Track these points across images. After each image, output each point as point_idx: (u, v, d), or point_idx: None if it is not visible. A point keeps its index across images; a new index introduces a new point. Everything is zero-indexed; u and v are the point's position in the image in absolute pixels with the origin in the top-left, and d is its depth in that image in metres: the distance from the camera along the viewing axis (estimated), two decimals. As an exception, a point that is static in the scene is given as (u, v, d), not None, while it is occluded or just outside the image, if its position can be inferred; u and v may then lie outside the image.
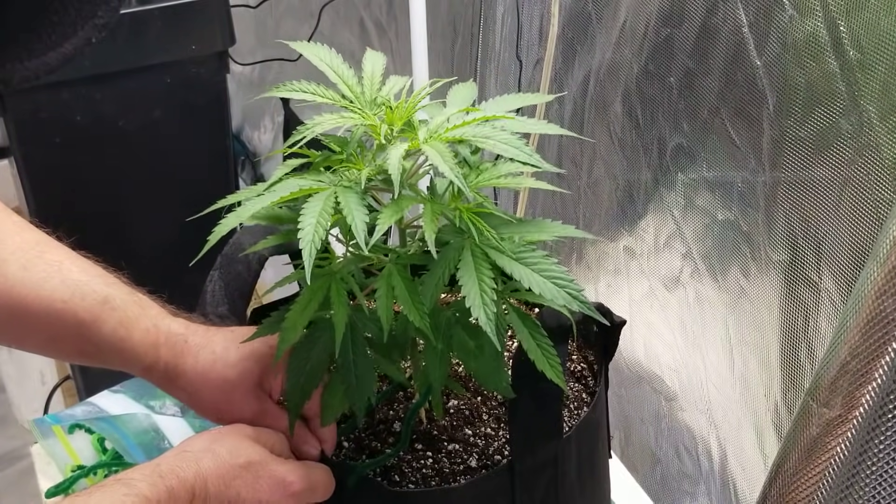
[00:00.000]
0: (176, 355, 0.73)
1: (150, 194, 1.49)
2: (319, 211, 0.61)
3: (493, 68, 1.50)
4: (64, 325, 0.71)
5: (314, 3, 1.80)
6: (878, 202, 0.76)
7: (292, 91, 0.68)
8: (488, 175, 0.67)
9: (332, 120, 0.66)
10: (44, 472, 1.09)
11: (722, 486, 1.10)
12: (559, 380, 0.66)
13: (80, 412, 1.14)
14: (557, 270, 0.63)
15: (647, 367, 1.24)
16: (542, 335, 0.67)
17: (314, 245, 0.60)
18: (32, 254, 0.71)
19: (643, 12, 1.08)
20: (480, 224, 0.64)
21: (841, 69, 0.78)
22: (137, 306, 0.74)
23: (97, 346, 0.72)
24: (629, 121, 1.15)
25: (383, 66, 0.72)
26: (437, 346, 0.69)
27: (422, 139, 0.65)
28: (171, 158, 1.48)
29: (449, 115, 0.68)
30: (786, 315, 0.92)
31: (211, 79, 1.46)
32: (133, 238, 1.50)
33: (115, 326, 0.72)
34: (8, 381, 2.15)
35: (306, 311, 0.68)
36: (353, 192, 0.63)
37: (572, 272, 1.38)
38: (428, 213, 0.63)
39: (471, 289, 0.62)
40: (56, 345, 0.74)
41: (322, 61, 0.71)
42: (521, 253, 0.64)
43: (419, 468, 0.75)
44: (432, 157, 0.62)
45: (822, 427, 0.66)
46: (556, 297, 0.62)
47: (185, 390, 0.74)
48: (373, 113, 0.68)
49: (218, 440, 0.68)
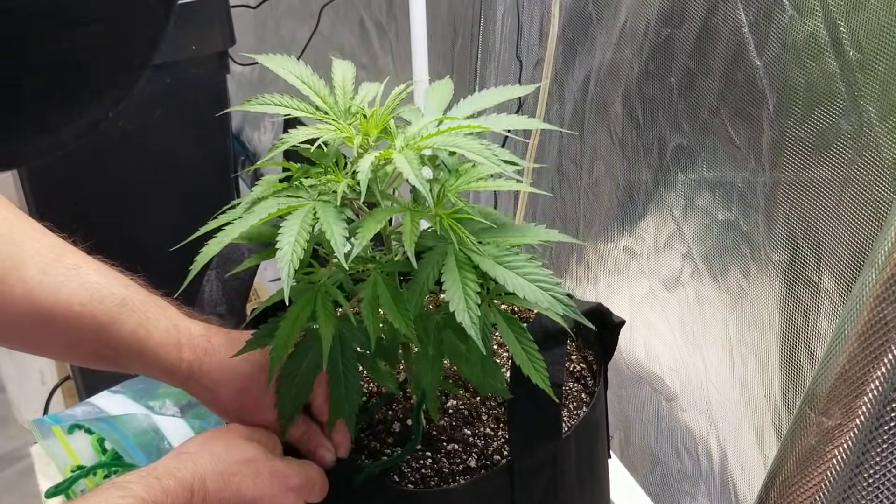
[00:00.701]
0: (199, 355, 0.73)
1: (151, 194, 1.49)
2: (297, 230, 0.61)
3: (493, 69, 1.50)
4: (83, 329, 0.71)
5: (314, 3, 1.80)
6: (878, 202, 0.76)
7: (264, 105, 0.67)
8: (467, 178, 0.67)
9: (305, 133, 0.65)
10: (43, 472, 1.09)
11: (722, 487, 1.10)
12: (545, 385, 0.65)
13: (80, 412, 1.14)
14: (541, 273, 0.63)
15: (647, 368, 1.24)
16: (528, 339, 0.67)
17: (292, 265, 0.60)
18: (51, 258, 0.71)
19: (643, 13, 1.07)
20: (460, 230, 0.64)
21: (841, 69, 0.78)
22: (156, 308, 0.74)
23: (116, 349, 0.72)
24: (629, 121, 1.15)
25: (353, 74, 0.72)
26: (428, 351, 0.69)
27: (398, 147, 0.64)
28: (171, 158, 1.48)
29: (426, 122, 0.67)
30: (786, 315, 0.92)
31: (211, 79, 1.46)
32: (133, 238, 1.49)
33: (135, 327, 0.72)
34: (8, 381, 2.15)
35: (295, 327, 0.68)
36: (330, 207, 0.63)
37: (572, 272, 1.38)
38: (407, 224, 0.63)
39: (454, 293, 0.62)
40: (76, 350, 0.73)
41: (290, 73, 0.70)
42: (505, 257, 0.64)
43: (418, 468, 0.75)
44: (401, 165, 0.61)
45: (820, 436, 0.66)
46: (539, 300, 0.62)
47: (210, 390, 0.74)
48: (348, 123, 0.68)
49: (214, 440, 0.68)
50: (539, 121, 0.72)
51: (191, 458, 0.66)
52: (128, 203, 1.49)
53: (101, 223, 1.44)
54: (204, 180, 1.52)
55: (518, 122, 0.70)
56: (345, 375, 0.71)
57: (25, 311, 0.69)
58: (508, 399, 0.70)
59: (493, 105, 0.71)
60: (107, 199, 1.46)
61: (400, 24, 1.70)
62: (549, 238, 0.67)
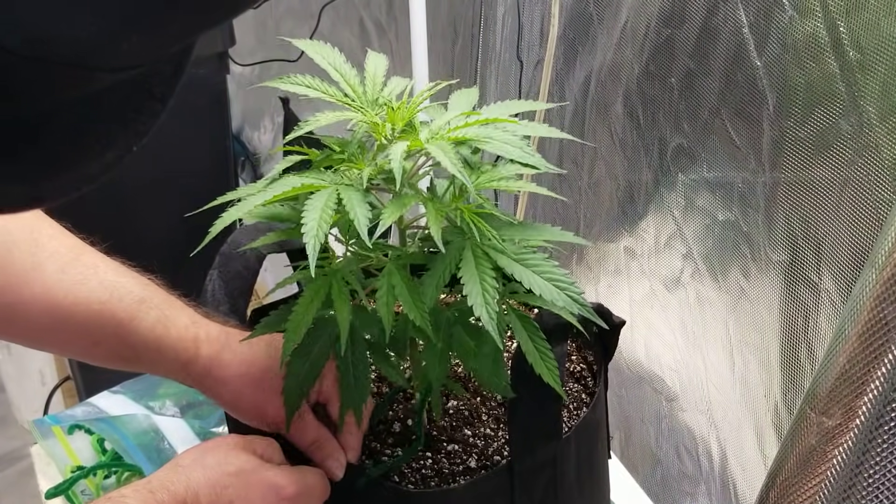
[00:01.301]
0: (218, 351, 0.73)
1: (151, 195, 1.49)
2: (322, 207, 0.61)
3: (493, 69, 1.50)
4: (102, 327, 0.71)
5: (314, 3, 1.80)
6: (878, 202, 0.76)
7: (296, 85, 0.67)
8: (489, 176, 0.67)
9: (333, 116, 0.66)
10: (43, 472, 1.09)
11: (722, 487, 1.10)
12: (556, 384, 0.66)
13: (80, 413, 1.14)
14: (558, 273, 0.63)
15: (647, 368, 1.24)
16: (541, 338, 0.67)
17: (318, 239, 0.59)
18: (69, 257, 0.71)
19: (644, 13, 1.07)
20: (482, 224, 0.64)
21: (841, 70, 0.78)
22: (174, 306, 0.74)
23: (134, 347, 0.72)
24: (630, 121, 1.15)
25: (386, 67, 0.72)
26: (437, 345, 0.69)
27: (424, 140, 0.65)
28: (171, 159, 1.48)
29: (450, 118, 0.68)
30: (786, 315, 0.92)
31: (211, 79, 1.46)
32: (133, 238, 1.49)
33: (154, 324, 0.72)
34: (8, 381, 2.15)
35: (309, 311, 0.67)
36: (355, 190, 0.63)
37: (573, 272, 1.38)
38: (431, 212, 0.63)
39: (472, 287, 0.62)
40: (95, 349, 0.73)
41: (324, 59, 0.70)
42: (523, 254, 0.64)
43: (418, 469, 0.75)
44: (437, 154, 0.61)
45: (821, 436, 0.66)
46: (556, 299, 0.62)
47: (228, 385, 0.74)
48: (374, 113, 0.68)
49: (208, 452, 0.68)
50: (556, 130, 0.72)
51: (185, 471, 0.66)
52: (127, 203, 1.49)
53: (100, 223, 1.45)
54: (204, 180, 1.52)
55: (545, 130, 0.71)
56: (354, 366, 0.71)
57: (44, 310, 0.69)
58: (509, 399, 0.71)
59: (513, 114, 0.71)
60: (107, 200, 1.46)
61: (400, 24, 1.70)
62: (565, 239, 0.67)
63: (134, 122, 0.39)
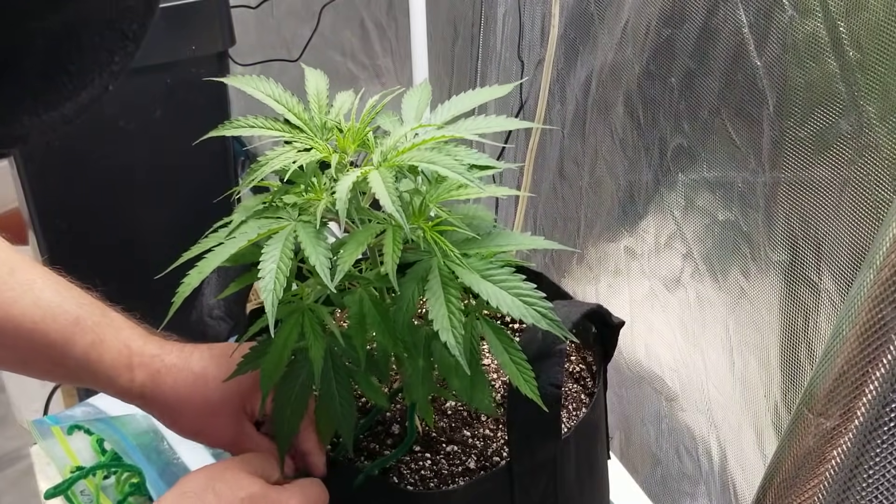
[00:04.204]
0: (152, 376, 0.73)
1: (150, 195, 1.49)
2: (279, 255, 0.61)
3: (494, 69, 1.49)
4: (34, 347, 0.70)
5: (314, 3, 1.80)
6: (878, 202, 0.76)
7: (240, 128, 0.66)
8: (447, 186, 0.67)
9: (283, 156, 0.64)
10: (43, 472, 1.09)
11: (722, 487, 1.10)
12: (534, 395, 0.65)
13: (80, 413, 1.14)
14: (525, 287, 0.62)
15: (647, 368, 1.24)
16: (517, 350, 0.66)
17: (276, 294, 0.59)
18: (2, 272, 0.70)
19: (645, 13, 1.07)
20: (443, 242, 0.63)
21: (841, 70, 0.78)
22: (110, 328, 0.73)
23: (68, 368, 0.71)
24: (631, 121, 1.15)
25: (327, 84, 0.71)
26: (419, 362, 0.69)
27: (375, 163, 0.64)
28: (171, 159, 1.48)
29: (403, 133, 0.67)
30: (786, 315, 0.92)
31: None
32: (133, 238, 1.49)
33: (87, 349, 0.71)
34: (8, 381, 2.15)
35: (284, 351, 0.67)
36: (311, 227, 0.62)
37: (573, 273, 1.38)
38: (388, 243, 0.62)
39: (438, 311, 0.61)
40: (29, 365, 0.73)
41: (261, 92, 0.69)
42: (488, 270, 0.63)
43: (417, 469, 0.75)
44: (375, 186, 0.60)
45: (819, 437, 0.65)
46: (524, 315, 0.61)
47: (164, 412, 0.74)
48: (325, 138, 0.67)
49: (216, 477, 0.68)
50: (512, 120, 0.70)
51: (196, 498, 0.65)
52: (127, 203, 1.49)
53: (100, 223, 1.44)
54: (204, 180, 1.52)
55: (497, 122, 0.69)
56: (339, 394, 0.70)
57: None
58: (508, 400, 0.70)
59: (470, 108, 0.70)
60: (107, 200, 1.46)
61: (400, 24, 1.70)
62: (534, 245, 0.66)
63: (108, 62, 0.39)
